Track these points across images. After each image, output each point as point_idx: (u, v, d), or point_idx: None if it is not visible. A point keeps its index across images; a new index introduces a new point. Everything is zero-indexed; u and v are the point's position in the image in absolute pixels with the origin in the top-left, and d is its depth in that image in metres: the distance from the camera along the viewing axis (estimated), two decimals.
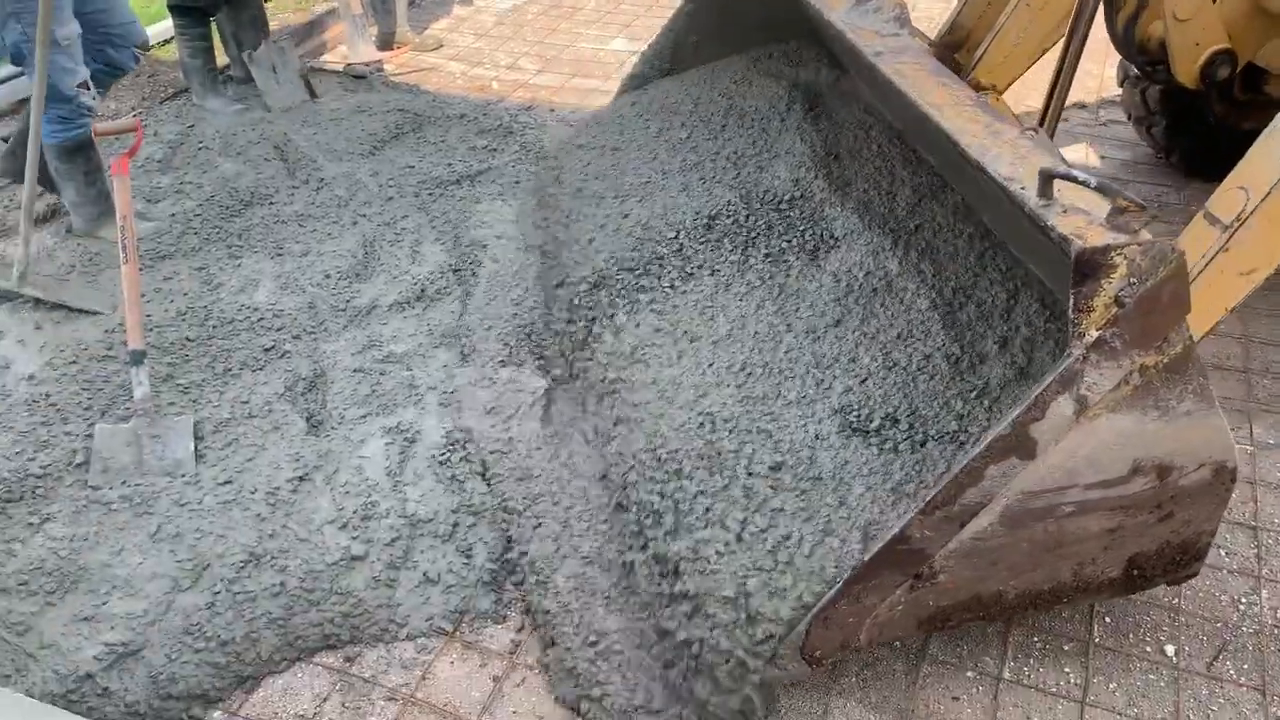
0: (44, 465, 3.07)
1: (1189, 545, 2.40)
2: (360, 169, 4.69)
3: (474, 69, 6.02)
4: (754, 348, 3.00)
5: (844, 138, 3.60)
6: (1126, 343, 2.02)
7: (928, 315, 2.87)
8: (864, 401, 2.72)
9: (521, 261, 3.93)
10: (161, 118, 5.14)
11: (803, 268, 3.25)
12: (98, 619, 2.64)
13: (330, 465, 3.09)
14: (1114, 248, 1.97)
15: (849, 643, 2.32)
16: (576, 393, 3.28)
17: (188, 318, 3.68)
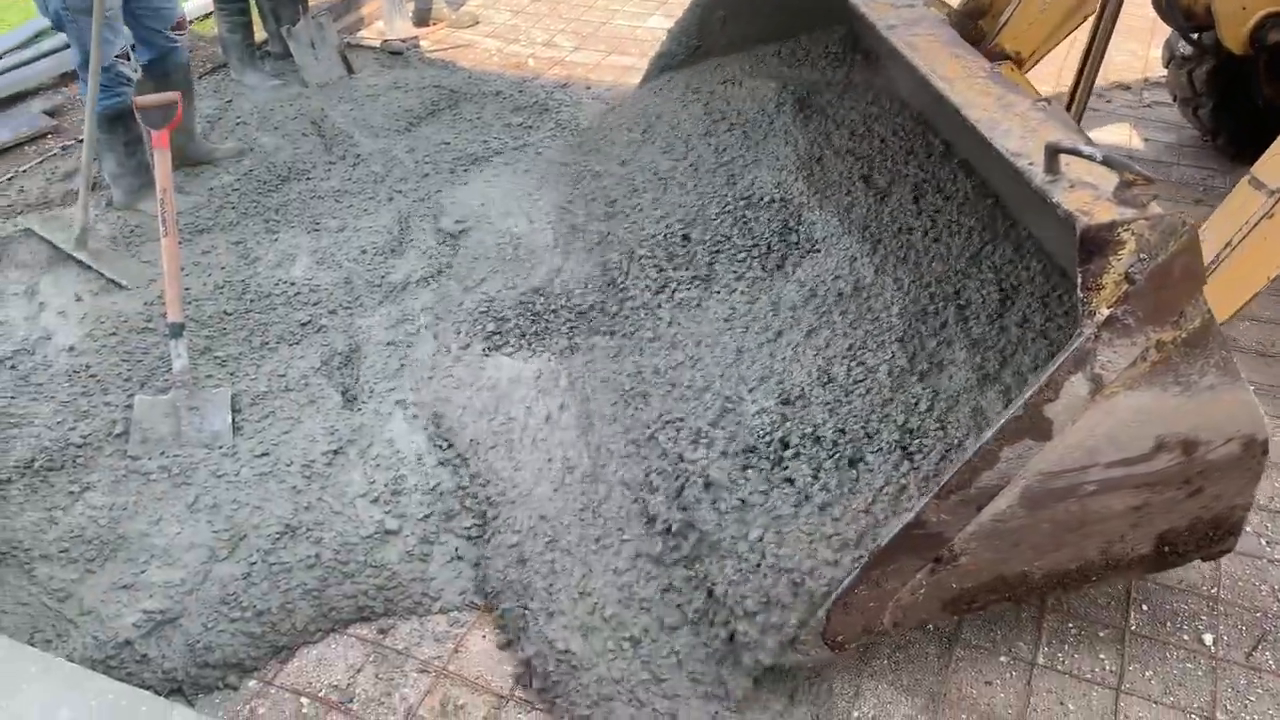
0: (84, 435, 3.11)
1: (1222, 520, 2.36)
2: (396, 145, 4.70)
3: (510, 46, 6.00)
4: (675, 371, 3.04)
5: (840, 136, 3.54)
6: (1140, 319, 1.98)
7: (891, 323, 2.83)
8: (777, 424, 2.71)
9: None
10: (200, 92, 5.16)
11: (757, 279, 3.25)
12: (136, 587, 2.68)
13: (364, 439, 3.11)
14: (1121, 224, 1.93)
15: (871, 627, 2.31)
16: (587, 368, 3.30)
17: (225, 291, 3.71)
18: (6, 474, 2.96)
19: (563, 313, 3.45)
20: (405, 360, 3.41)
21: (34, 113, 5.00)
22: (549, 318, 3.46)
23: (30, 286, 3.77)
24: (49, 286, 3.77)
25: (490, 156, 4.58)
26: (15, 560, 2.73)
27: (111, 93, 3.93)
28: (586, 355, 3.29)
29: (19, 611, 2.61)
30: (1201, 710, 2.47)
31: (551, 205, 4.06)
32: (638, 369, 3.13)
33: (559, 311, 3.46)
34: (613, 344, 3.29)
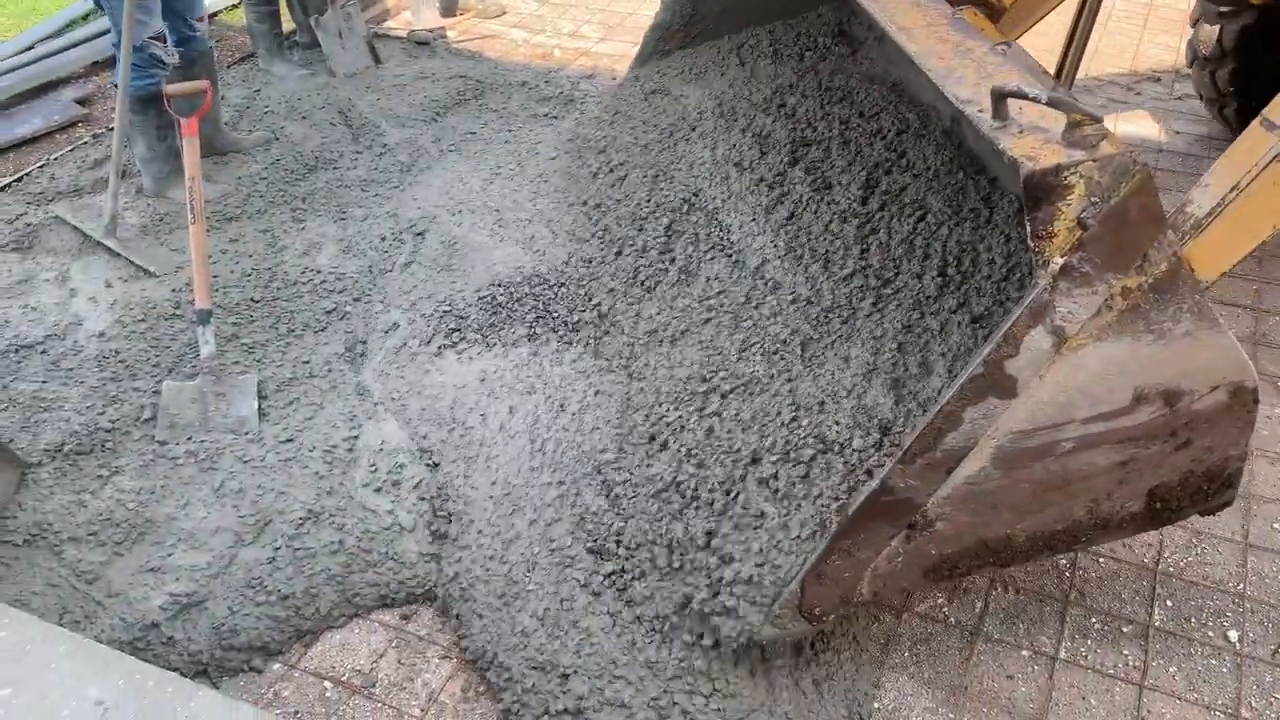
0: (113, 420, 3.14)
1: (1216, 473, 2.28)
2: (423, 135, 4.71)
3: (536, 36, 6.01)
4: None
5: (785, 128, 3.48)
6: (1099, 266, 1.89)
7: (794, 324, 2.80)
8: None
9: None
10: (228, 81, 5.20)
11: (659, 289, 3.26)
12: (163, 570, 2.71)
13: (370, 429, 3.14)
14: (1068, 167, 1.84)
15: (849, 597, 2.26)
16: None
17: (253, 279, 3.74)
18: (37, 457, 3.00)
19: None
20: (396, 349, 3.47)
21: (65, 101, 5.06)
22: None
23: (61, 273, 3.81)
24: (79, 273, 3.81)
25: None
26: (45, 542, 2.77)
27: (145, 74, 3.96)
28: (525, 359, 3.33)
29: (49, 593, 2.65)
30: (1226, 707, 2.45)
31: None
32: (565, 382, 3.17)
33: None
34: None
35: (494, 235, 3.84)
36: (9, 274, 3.79)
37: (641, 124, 4.02)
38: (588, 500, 2.75)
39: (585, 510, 2.73)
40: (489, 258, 3.70)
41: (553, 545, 2.68)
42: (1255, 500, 2.96)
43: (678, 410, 2.81)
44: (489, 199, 4.09)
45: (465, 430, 3.07)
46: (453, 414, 3.13)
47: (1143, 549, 2.83)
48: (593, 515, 2.71)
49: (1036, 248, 1.90)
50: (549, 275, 3.56)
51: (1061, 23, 3.90)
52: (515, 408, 3.10)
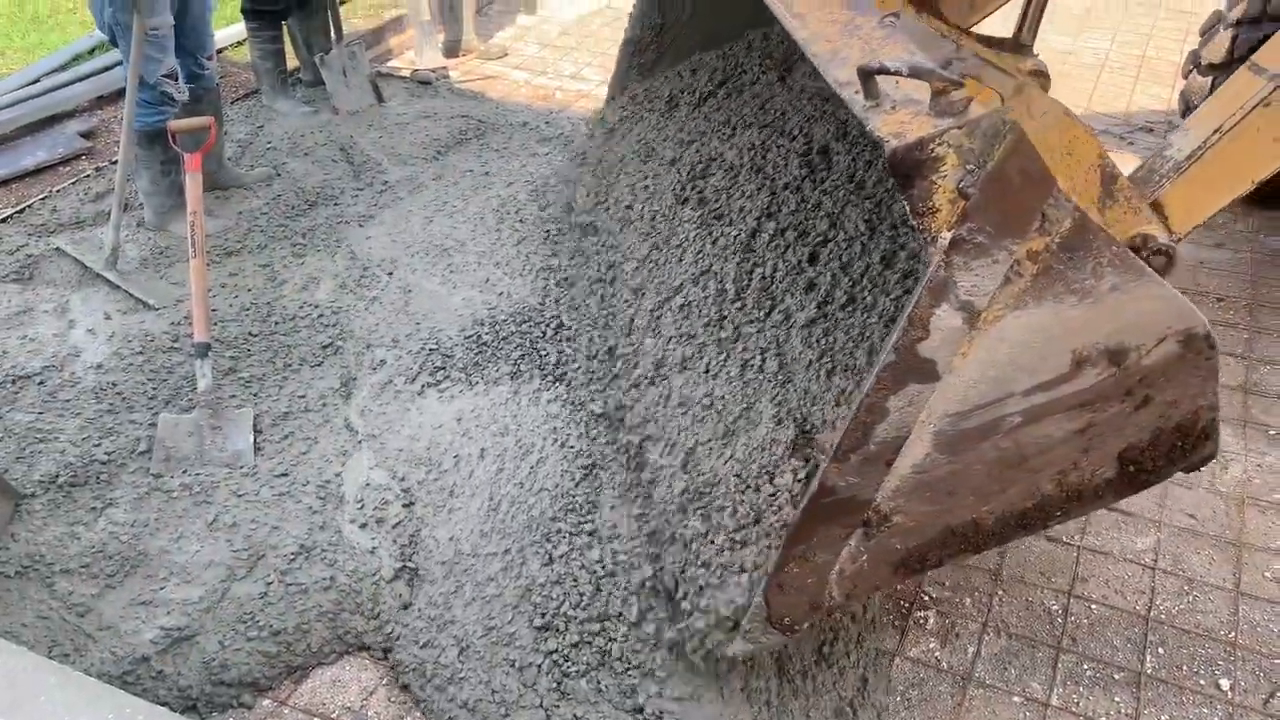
0: (109, 452, 3.15)
1: (1188, 427, 2.14)
2: (423, 173, 4.76)
3: (538, 78, 6.08)
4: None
5: (679, 172, 3.55)
6: (992, 235, 1.79)
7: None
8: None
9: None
10: (232, 118, 5.26)
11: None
12: (155, 603, 2.71)
13: (354, 465, 3.15)
14: (932, 139, 1.75)
15: (819, 603, 2.18)
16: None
17: (251, 313, 3.76)
18: (31, 489, 3.00)
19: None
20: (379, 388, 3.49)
21: (70, 134, 5.10)
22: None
23: (61, 304, 3.83)
24: (79, 304, 3.83)
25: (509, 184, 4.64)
26: (37, 574, 2.77)
27: (155, 110, 4.00)
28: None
29: (39, 625, 2.64)
30: None
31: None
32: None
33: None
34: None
35: (475, 275, 3.88)
36: (8, 305, 3.81)
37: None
38: (534, 570, 2.71)
39: (532, 581, 2.68)
40: (459, 299, 3.76)
41: (490, 624, 2.62)
42: (1246, 549, 2.97)
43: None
44: (453, 239, 4.16)
45: (440, 473, 3.07)
46: (429, 454, 3.14)
47: (1134, 596, 2.84)
48: (539, 587, 2.66)
49: (921, 226, 1.81)
50: (532, 314, 3.61)
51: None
52: (486, 450, 3.11)
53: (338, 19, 5.44)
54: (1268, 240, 4.39)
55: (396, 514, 2.97)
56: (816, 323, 2.70)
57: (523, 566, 2.71)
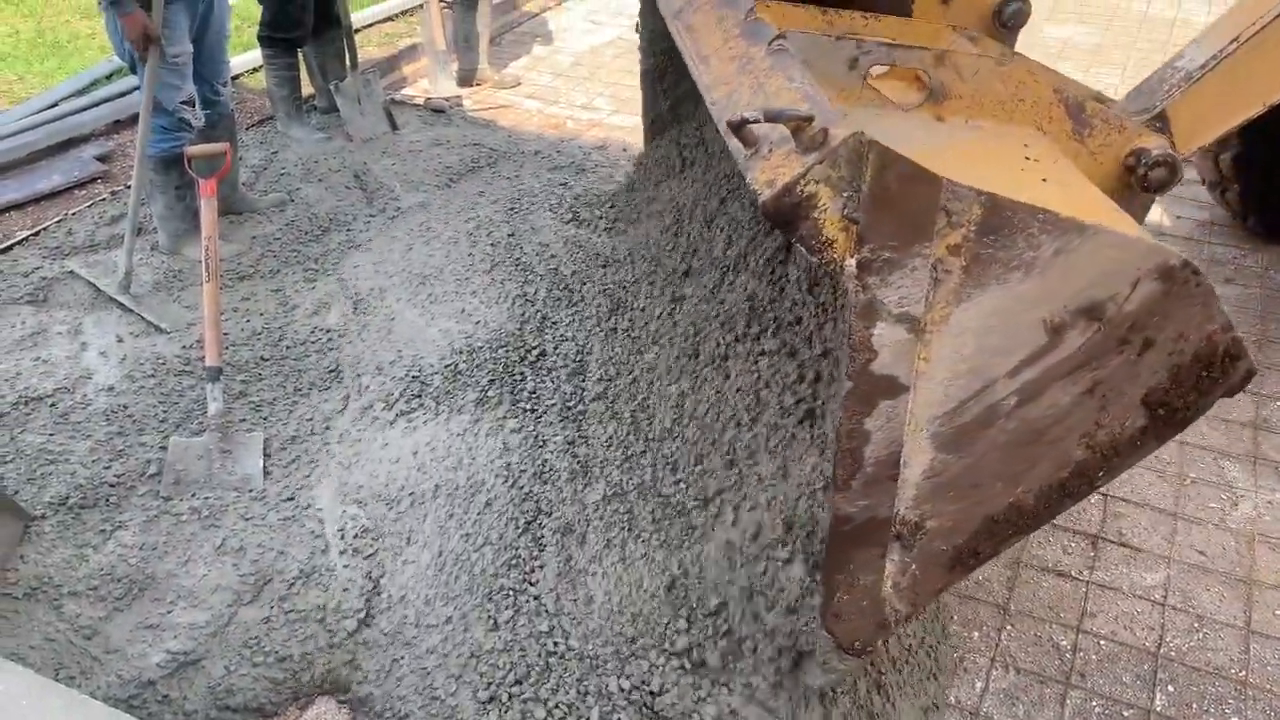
0: (118, 474, 3.16)
1: (1207, 355, 2.03)
2: (435, 199, 4.79)
3: (550, 107, 6.12)
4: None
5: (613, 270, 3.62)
6: (898, 246, 1.76)
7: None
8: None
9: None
10: (246, 143, 5.30)
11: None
12: (162, 627, 2.71)
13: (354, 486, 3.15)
14: (796, 182, 1.73)
15: (885, 620, 2.15)
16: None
17: (263, 337, 3.78)
18: (41, 510, 3.01)
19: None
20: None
21: (86, 158, 5.15)
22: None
23: (74, 326, 3.85)
24: (92, 327, 3.85)
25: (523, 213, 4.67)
26: (45, 596, 2.77)
27: (172, 136, 4.04)
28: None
29: (46, 647, 2.64)
30: None
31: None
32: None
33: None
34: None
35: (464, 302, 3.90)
36: (22, 326, 3.83)
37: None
38: (478, 636, 2.68)
39: (478, 648, 2.66)
40: (439, 328, 3.79)
41: (434, 693, 2.58)
42: (1257, 586, 2.96)
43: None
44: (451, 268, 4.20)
45: (398, 514, 3.06)
46: (387, 490, 3.13)
47: (1144, 632, 2.82)
48: (486, 654, 2.64)
49: (823, 260, 1.79)
50: (509, 339, 3.65)
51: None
52: (440, 486, 3.11)
53: (353, 47, 5.50)
54: (1277, 276, 4.39)
55: (369, 546, 2.96)
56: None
57: (465, 633, 2.68)
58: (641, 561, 2.81)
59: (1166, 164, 2.09)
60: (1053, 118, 2.12)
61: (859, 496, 1.99)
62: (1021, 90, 2.10)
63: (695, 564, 2.75)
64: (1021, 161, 2.02)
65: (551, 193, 4.83)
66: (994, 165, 2.01)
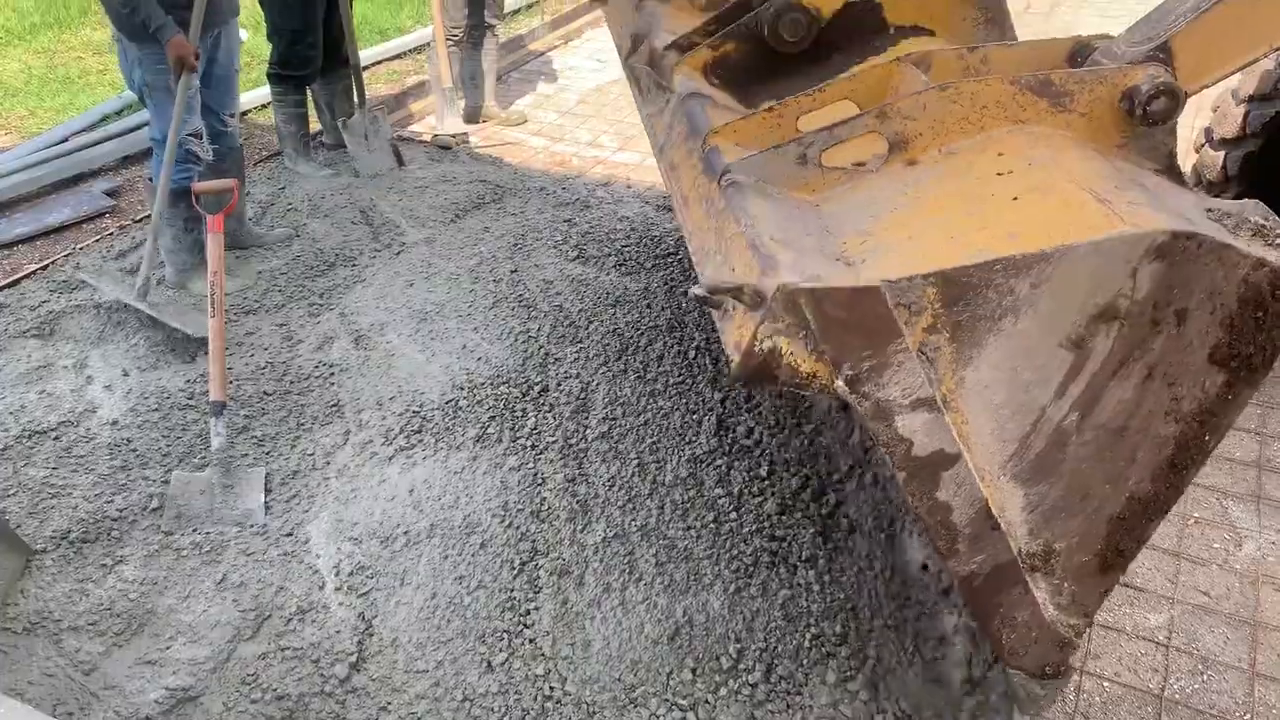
0: (120, 509, 3.16)
1: (1253, 297, 1.92)
2: (440, 235, 4.82)
3: (556, 144, 6.18)
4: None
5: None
6: (874, 354, 1.80)
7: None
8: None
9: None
10: (254, 179, 5.35)
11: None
12: (161, 663, 2.70)
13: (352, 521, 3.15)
14: (754, 343, 1.78)
15: (1063, 639, 2.13)
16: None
17: (267, 372, 3.80)
18: (42, 544, 3.01)
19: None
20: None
21: (95, 193, 5.20)
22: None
23: (79, 360, 3.87)
24: (98, 361, 3.87)
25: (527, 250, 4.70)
26: (45, 630, 2.77)
27: (180, 169, 4.07)
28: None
29: (44, 683, 2.64)
30: None
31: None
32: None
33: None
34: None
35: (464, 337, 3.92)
36: (28, 360, 3.85)
37: None
38: (472, 680, 2.67)
39: (471, 691, 2.64)
40: (441, 364, 3.78)
41: None
42: (1262, 628, 2.94)
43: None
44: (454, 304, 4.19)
45: (393, 552, 3.05)
46: (382, 527, 3.13)
47: (1148, 674, 2.80)
48: (480, 697, 2.63)
49: (814, 391, 1.82)
50: (512, 374, 3.65)
51: None
52: (435, 526, 3.11)
53: (360, 85, 5.56)
54: None
55: (364, 584, 2.95)
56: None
57: (458, 676, 2.67)
58: (643, 606, 2.80)
59: (1164, 93, 2.06)
60: (1024, 105, 2.10)
61: (971, 555, 2.00)
62: (978, 99, 2.09)
63: (701, 611, 2.74)
64: (993, 182, 2.00)
65: (556, 229, 4.87)
66: (962, 203, 1.99)
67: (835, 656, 2.73)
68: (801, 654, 2.74)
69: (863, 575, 2.95)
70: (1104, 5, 8.10)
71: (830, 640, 2.77)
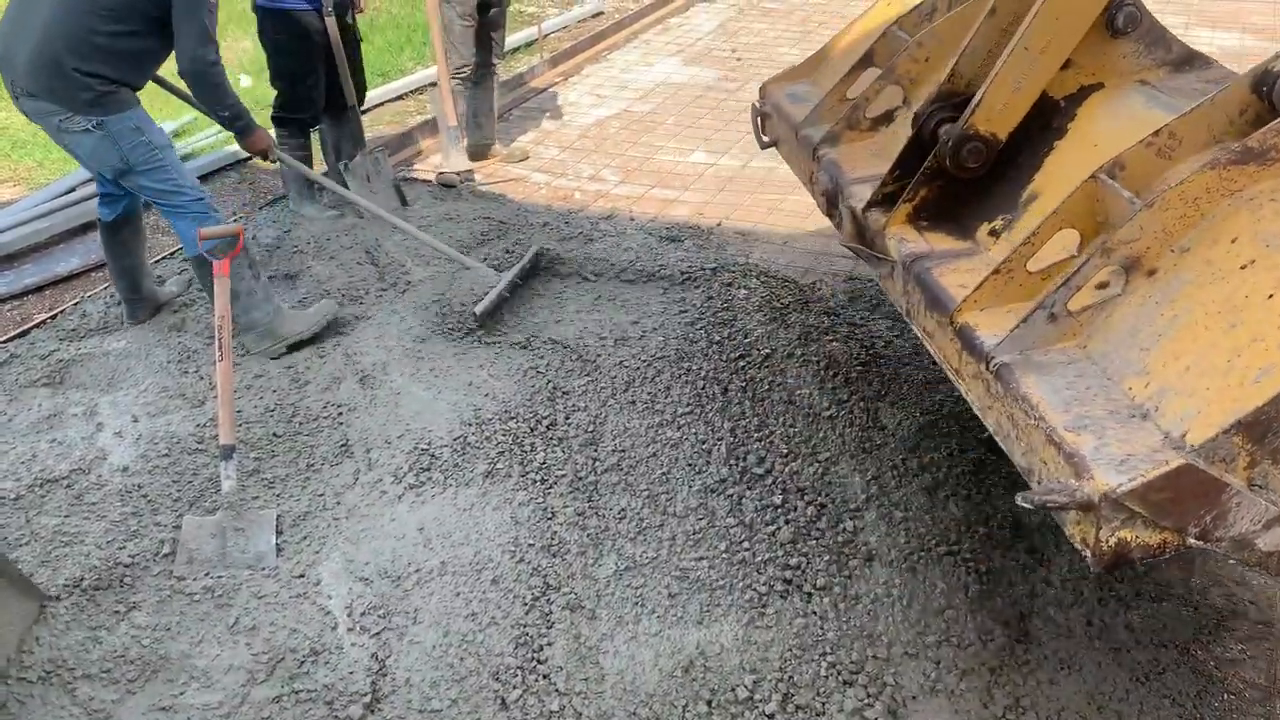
0: (133, 555, 3.17)
1: None
2: (445, 272, 4.84)
3: (558, 180, 6.22)
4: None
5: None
6: (1213, 505, 1.84)
7: None
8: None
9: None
10: (260, 223, 5.39)
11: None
12: (175, 709, 2.69)
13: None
14: (1103, 543, 1.85)
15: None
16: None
17: (276, 414, 3.81)
18: (55, 592, 3.01)
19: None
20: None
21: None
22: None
23: (90, 407, 3.89)
24: (107, 408, 3.89)
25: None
26: (59, 679, 2.76)
27: (211, 213, 4.07)
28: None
29: None
30: None
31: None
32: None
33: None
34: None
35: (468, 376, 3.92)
36: (39, 409, 3.87)
37: None
38: (485, 718, 2.64)
39: None
40: (448, 401, 3.79)
41: None
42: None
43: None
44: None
45: (405, 591, 3.04)
46: (394, 566, 3.12)
47: None
48: None
49: (1171, 551, 1.88)
50: (520, 409, 3.65)
51: None
52: (446, 563, 3.10)
53: (359, 126, 5.61)
54: None
55: (376, 624, 2.94)
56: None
57: (472, 715, 2.66)
58: (656, 639, 2.79)
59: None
60: (1234, 178, 2.10)
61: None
62: (1187, 195, 2.10)
63: (715, 642, 2.73)
64: (1238, 278, 1.99)
65: (561, 262, 4.89)
66: (1221, 314, 1.98)
67: (853, 684, 2.72)
68: (818, 682, 2.72)
69: (879, 604, 2.94)
70: None
71: (847, 668, 2.75)
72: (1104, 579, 3.03)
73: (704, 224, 5.45)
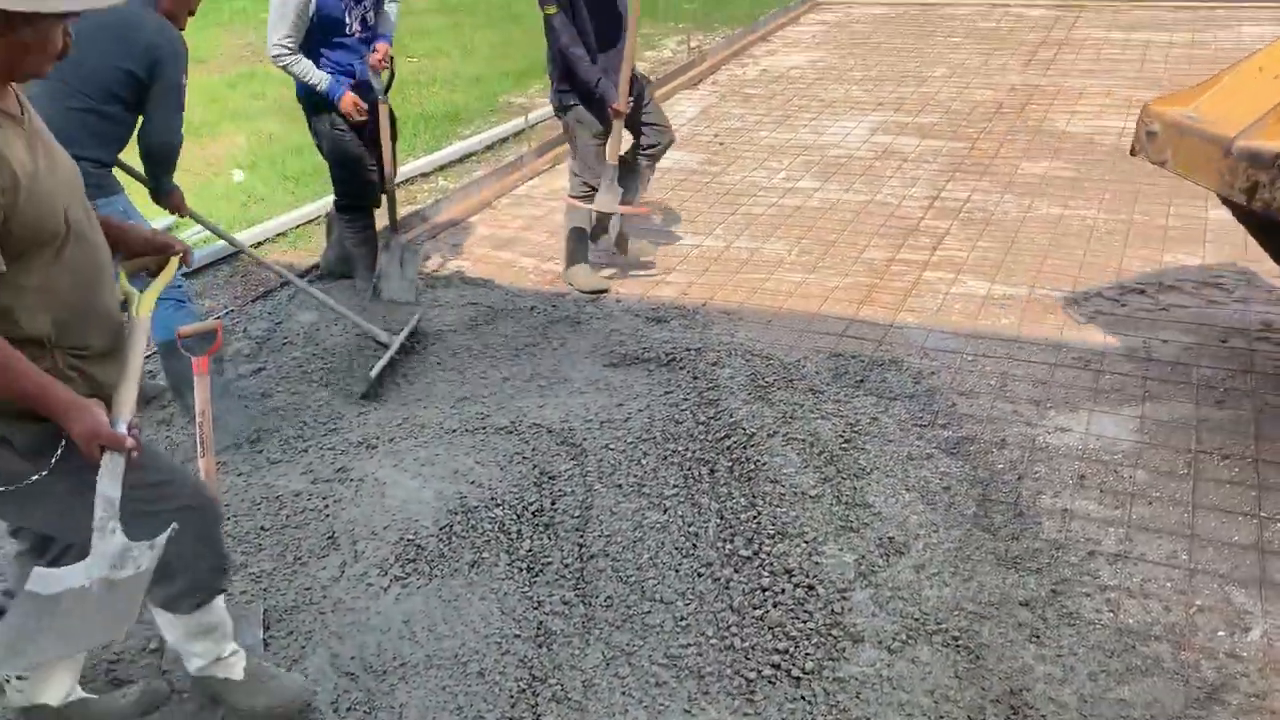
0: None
1: None
2: (433, 355, 4.88)
3: (545, 264, 6.29)
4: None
5: None
6: None
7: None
8: None
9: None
10: (252, 315, 5.45)
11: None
12: None
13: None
14: None
15: None
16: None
17: (263, 508, 3.81)
18: None
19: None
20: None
21: None
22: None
23: None
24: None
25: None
26: None
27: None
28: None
29: None
30: None
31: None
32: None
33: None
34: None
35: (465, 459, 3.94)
36: None
37: None
38: None
39: None
40: (434, 489, 3.79)
41: None
42: (1273, 716, 2.89)
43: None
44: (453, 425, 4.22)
45: (390, 686, 3.01)
46: (379, 660, 3.11)
47: None
48: None
49: None
50: (507, 496, 3.66)
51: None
52: (432, 657, 3.08)
53: (395, 210, 5.79)
54: (1265, 395, 4.41)
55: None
56: None
57: None
58: None
59: None
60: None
61: None
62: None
63: None
64: None
65: (549, 347, 4.93)
66: None
67: None
68: None
69: (868, 685, 2.92)
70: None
71: None
72: (1093, 653, 3.02)
73: (689, 304, 5.52)
